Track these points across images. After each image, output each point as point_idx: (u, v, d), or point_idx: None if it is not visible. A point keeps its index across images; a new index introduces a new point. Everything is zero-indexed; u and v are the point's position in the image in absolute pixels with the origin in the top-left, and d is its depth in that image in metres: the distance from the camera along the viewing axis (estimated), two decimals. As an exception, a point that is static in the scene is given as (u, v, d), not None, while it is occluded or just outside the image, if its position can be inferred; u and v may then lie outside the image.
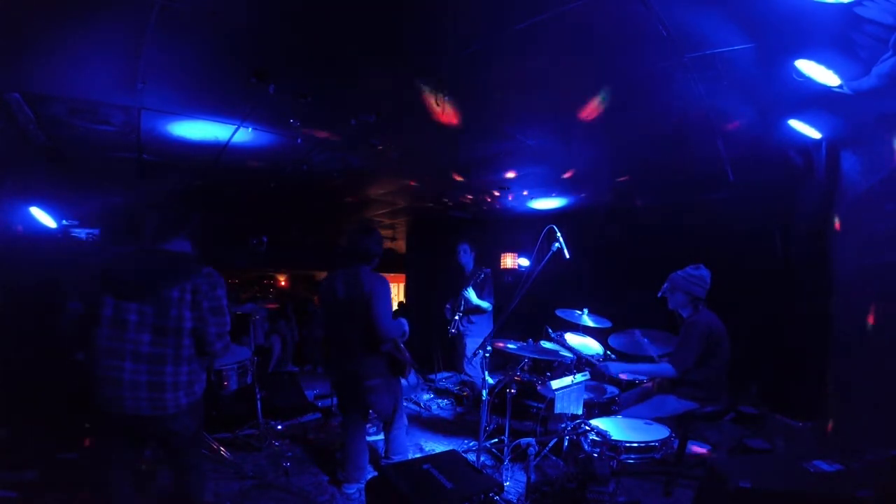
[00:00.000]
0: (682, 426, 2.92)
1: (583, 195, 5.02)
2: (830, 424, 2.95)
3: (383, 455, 3.30)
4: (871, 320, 2.54)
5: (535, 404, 3.85)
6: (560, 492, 2.60)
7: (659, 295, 3.26)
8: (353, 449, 3.06)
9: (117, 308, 1.97)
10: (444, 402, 5.05)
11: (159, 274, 2.03)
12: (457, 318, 4.78)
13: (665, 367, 3.07)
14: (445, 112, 2.86)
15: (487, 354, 3.12)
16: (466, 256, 4.83)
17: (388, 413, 3.11)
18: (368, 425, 3.98)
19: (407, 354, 3.12)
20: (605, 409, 3.30)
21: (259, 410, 3.77)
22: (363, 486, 2.85)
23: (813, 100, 2.38)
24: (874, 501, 1.65)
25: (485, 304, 4.68)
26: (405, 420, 3.30)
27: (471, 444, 3.82)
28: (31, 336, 3.23)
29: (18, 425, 2.90)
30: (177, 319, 2.00)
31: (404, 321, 3.10)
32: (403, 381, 3.35)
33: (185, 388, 2.04)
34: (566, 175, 4.27)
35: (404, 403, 4.90)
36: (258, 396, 3.74)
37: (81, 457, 2.83)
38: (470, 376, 4.87)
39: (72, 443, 2.88)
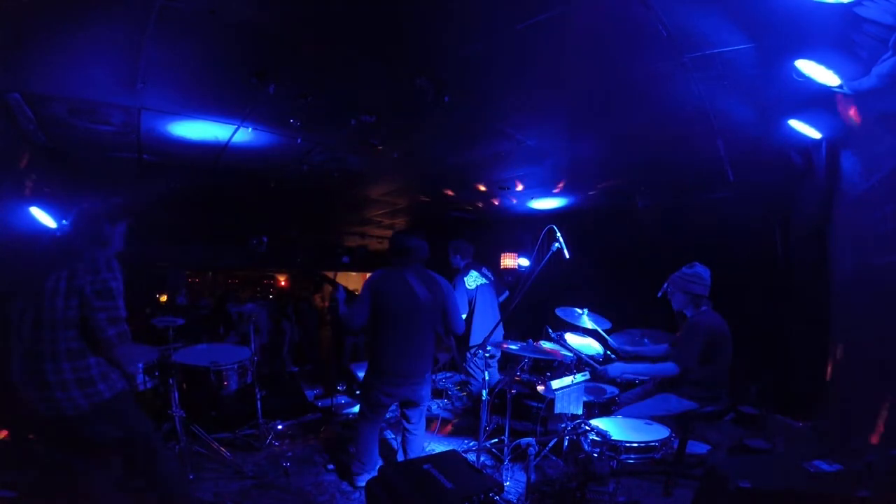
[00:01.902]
0: (682, 426, 2.92)
1: (583, 195, 5.02)
2: (829, 424, 2.95)
3: (401, 451, 3.26)
4: (870, 320, 2.54)
5: (535, 404, 3.85)
6: (560, 492, 2.60)
7: (659, 295, 3.26)
8: (371, 441, 3.11)
9: (9, 308, 1.88)
10: (444, 402, 5.05)
11: (38, 266, 1.92)
12: None
13: (667, 367, 3.06)
14: (445, 112, 2.86)
15: (487, 354, 3.12)
16: (452, 259, 4.63)
17: (425, 406, 3.18)
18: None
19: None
20: (605, 409, 3.30)
21: (259, 410, 3.77)
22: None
23: (813, 100, 2.38)
24: (874, 501, 1.65)
25: None
26: (424, 420, 3.29)
27: (471, 444, 3.82)
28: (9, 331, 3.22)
29: (18, 425, 2.90)
30: (50, 311, 1.85)
31: None
32: None
33: (78, 386, 1.86)
34: (566, 175, 4.27)
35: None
36: (258, 396, 3.75)
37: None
38: (472, 376, 4.85)
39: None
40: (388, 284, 3.03)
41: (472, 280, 4.55)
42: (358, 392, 4.84)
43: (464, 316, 4.47)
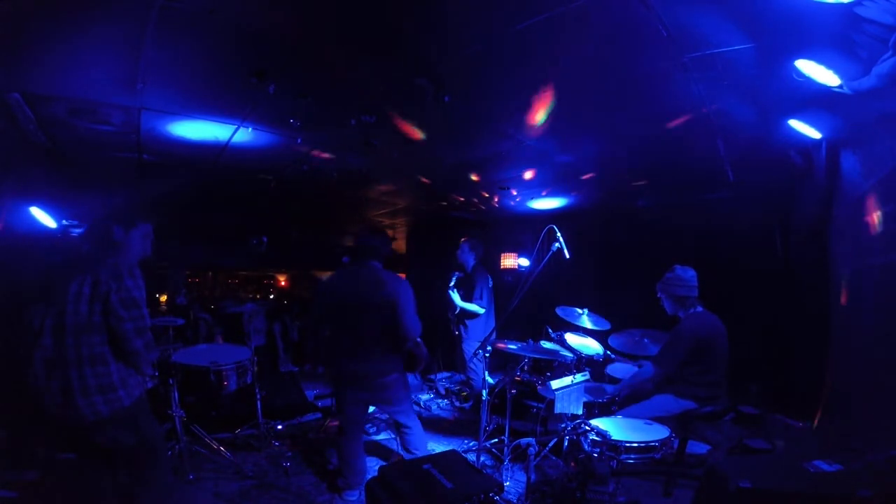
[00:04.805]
0: (682, 426, 2.92)
1: (583, 195, 5.02)
2: (829, 424, 2.95)
3: (403, 450, 3.23)
4: (870, 320, 2.54)
5: (535, 404, 3.85)
6: (560, 492, 2.60)
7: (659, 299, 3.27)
8: (351, 454, 3.01)
9: (31, 314, 1.87)
10: (444, 402, 5.05)
11: (59, 270, 1.91)
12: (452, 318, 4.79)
13: (643, 371, 3.07)
14: (444, 113, 2.86)
15: (487, 354, 3.12)
16: (464, 256, 4.73)
17: (406, 407, 3.09)
18: (368, 425, 3.99)
19: (425, 351, 3.16)
20: (605, 409, 3.30)
21: (259, 410, 3.78)
22: (363, 488, 2.85)
23: (813, 100, 2.38)
24: (874, 501, 1.65)
25: (470, 307, 4.58)
26: (416, 417, 3.25)
27: (471, 444, 3.82)
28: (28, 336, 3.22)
29: (18, 425, 2.90)
30: (74, 315, 1.84)
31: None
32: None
33: (99, 393, 1.86)
34: (565, 175, 4.27)
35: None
36: (258, 396, 3.75)
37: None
38: (471, 377, 4.86)
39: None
40: (336, 284, 3.03)
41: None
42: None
43: (482, 311, 4.57)
